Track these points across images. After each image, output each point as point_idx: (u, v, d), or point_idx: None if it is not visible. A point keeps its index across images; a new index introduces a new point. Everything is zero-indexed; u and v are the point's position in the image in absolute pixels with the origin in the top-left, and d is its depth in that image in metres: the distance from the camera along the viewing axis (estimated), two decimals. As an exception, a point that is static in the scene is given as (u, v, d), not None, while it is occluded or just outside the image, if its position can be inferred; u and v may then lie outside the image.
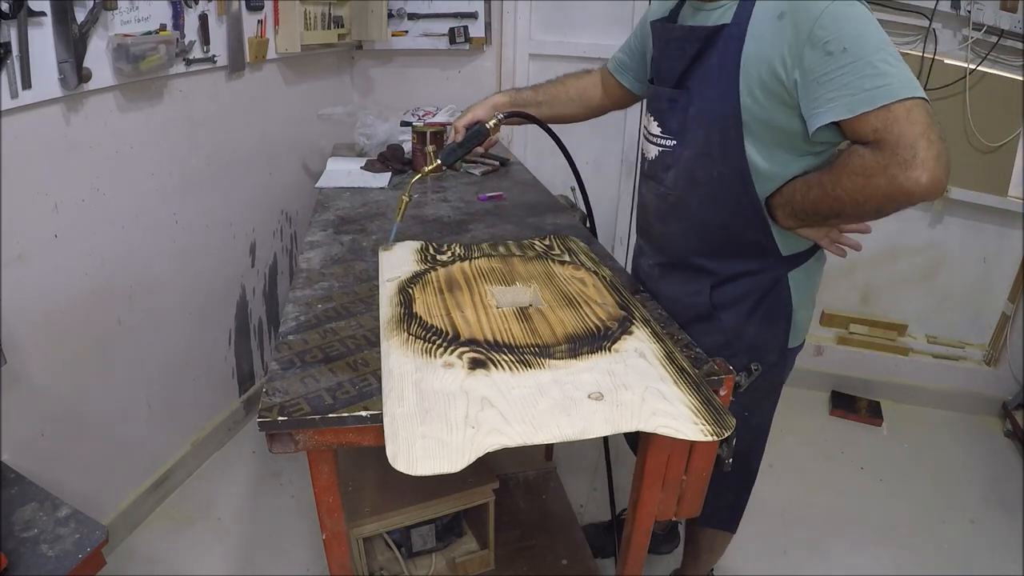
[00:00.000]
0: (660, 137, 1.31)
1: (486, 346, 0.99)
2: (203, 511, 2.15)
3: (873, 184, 1.01)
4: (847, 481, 2.41)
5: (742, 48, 1.12)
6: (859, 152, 1.03)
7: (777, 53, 1.07)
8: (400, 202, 1.43)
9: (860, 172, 1.03)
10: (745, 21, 1.12)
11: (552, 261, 1.34)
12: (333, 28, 2.58)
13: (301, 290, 1.24)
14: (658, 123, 1.31)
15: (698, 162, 1.23)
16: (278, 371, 0.97)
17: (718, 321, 1.32)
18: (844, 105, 1.01)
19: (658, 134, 1.31)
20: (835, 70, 1.01)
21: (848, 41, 0.99)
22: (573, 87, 1.63)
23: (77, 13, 1.52)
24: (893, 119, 0.97)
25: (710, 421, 0.86)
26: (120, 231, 1.84)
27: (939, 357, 2.87)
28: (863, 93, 0.99)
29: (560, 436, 0.82)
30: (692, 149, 1.24)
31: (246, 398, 2.56)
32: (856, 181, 1.04)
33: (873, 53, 0.99)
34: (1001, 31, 2.32)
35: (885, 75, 0.98)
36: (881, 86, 0.98)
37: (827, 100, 1.02)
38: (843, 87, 1.00)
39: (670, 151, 1.29)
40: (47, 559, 1.26)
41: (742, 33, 1.12)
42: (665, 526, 1.98)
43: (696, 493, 1.14)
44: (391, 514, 1.50)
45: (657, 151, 1.32)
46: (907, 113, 0.97)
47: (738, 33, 1.13)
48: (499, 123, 1.49)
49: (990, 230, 2.64)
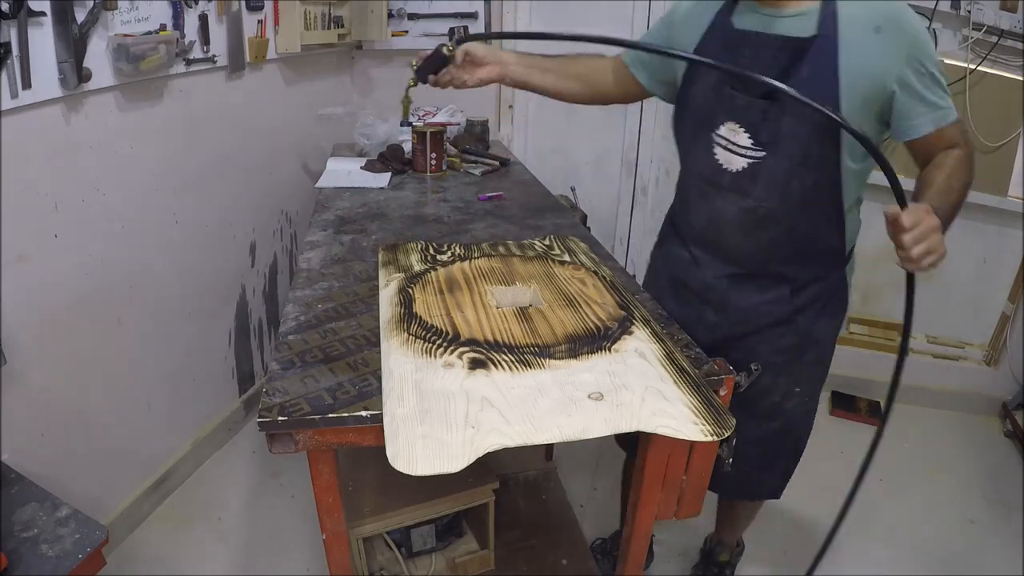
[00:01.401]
0: (750, 149, 1.26)
1: (486, 346, 0.99)
2: (203, 511, 2.15)
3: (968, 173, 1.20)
4: (847, 481, 2.40)
5: (837, 60, 1.14)
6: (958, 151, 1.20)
7: (880, 65, 1.14)
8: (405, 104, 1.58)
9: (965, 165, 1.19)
10: (834, 32, 1.14)
11: (552, 261, 1.34)
12: (333, 28, 2.58)
13: (301, 290, 1.24)
14: (749, 135, 1.26)
15: (794, 173, 1.24)
16: (278, 371, 0.97)
17: (795, 324, 1.38)
18: (932, 120, 1.18)
19: (748, 146, 1.26)
20: (924, 89, 1.16)
21: (931, 65, 1.15)
22: (585, 64, 1.55)
23: (77, 13, 1.52)
24: (962, 130, 1.21)
25: (710, 421, 0.86)
26: (120, 231, 1.84)
27: (939, 357, 2.87)
28: (941, 111, 1.18)
29: (560, 436, 0.82)
30: (787, 161, 1.23)
31: (246, 398, 2.56)
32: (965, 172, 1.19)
33: (941, 77, 1.17)
34: (1001, 31, 2.32)
35: (947, 97, 1.18)
36: (948, 107, 1.19)
37: (919, 115, 1.18)
38: (931, 105, 1.17)
39: (760, 162, 1.26)
40: (47, 559, 1.26)
41: (834, 45, 1.14)
42: None
43: (696, 493, 1.14)
44: (391, 514, 1.50)
45: (745, 163, 1.28)
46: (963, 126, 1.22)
47: (830, 45, 1.15)
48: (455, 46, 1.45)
49: (990, 230, 2.64)
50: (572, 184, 2.44)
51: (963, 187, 1.18)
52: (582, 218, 1.93)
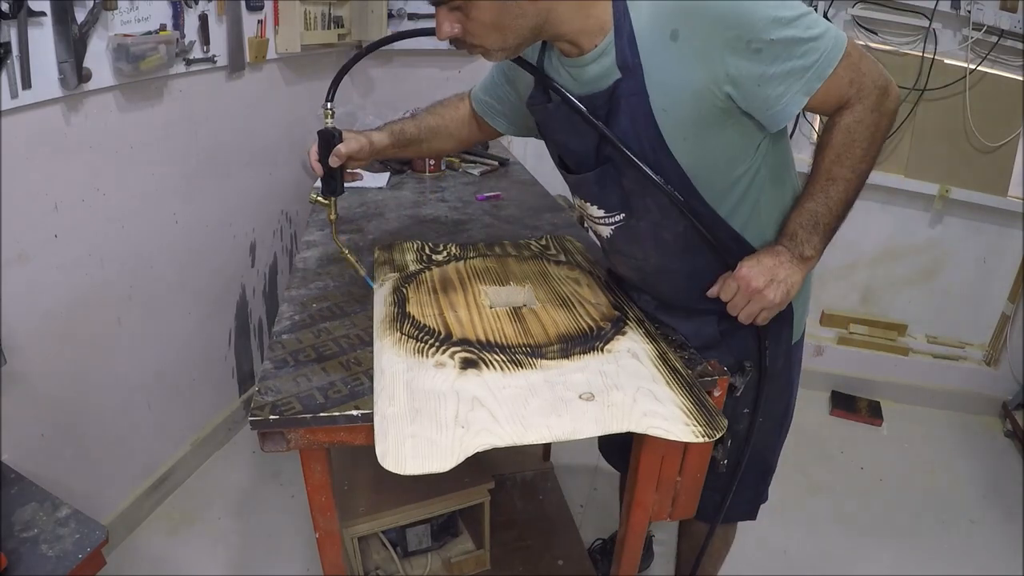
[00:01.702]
0: (606, 218, 1.18)
1: (478, 346, 0.99)
2: (203, 511, 2.15)
3: (880, 130, 1.03)
4: (847, 481, 2.41)
5: (648, 100, 1.00)
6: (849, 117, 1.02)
7: (692, 79, 0.97)
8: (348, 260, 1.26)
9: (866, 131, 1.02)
10: (635, 66, 0.98)
11: (547, 261, 1.35)
12: (333, 28, 2.58)
13: (297, 289, 1.25)
14: (597, 206, 1.18)
15: (659, 228, 1.14)
16: (271, 370, 0.97)
17: (726, 346, 1.25)
18: (802, 90, 0.98)
19: (602, 215, 1.18)
20: (772, 64, 0.95)
21: (765, 30, 0.93)
22: (451, 120, 1.42)
23: (77, 13, 1.53)
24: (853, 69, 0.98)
25: (702, 422, 0.86)
26: (120, 231, 1.85)
27: (939, 357, 2.86)
28: (807, 73, 0.97)
29: (550, 436, 0.83)
30: (646, 218, 1.13)
31: (246, 398, 2.57)
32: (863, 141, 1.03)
33: (792, 26, 0.93)
34: (1001, 31, 2.31)
35: (816, 40, 0.95)
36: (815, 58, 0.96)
37: (778, 97, 0.98)
38: (789, 74, 0.96)
39: (623, 224, 1.17)
40: (47, 559, 1.27)
41: (640, 83, 0.99)
42: None
43: (691, 494, 1.15)
44: (386, 513, 1.50)
45: (610, 230, 1.20)
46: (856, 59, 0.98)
47: (636, 86, 0.99)
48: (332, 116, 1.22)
49: (990, 230, 2.63)
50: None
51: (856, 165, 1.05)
52: (580, 218, 1.94)
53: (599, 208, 1.17)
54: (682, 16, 0.95)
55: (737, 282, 1.09)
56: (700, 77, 0.96)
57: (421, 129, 1.39)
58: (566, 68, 1.08)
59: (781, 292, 1.09)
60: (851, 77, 0.99)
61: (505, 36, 0.99)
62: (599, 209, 1.18)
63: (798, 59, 0.95)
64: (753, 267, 1.08)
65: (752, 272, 1.08)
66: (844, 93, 1.00)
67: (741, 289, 1.09)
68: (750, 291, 1.09)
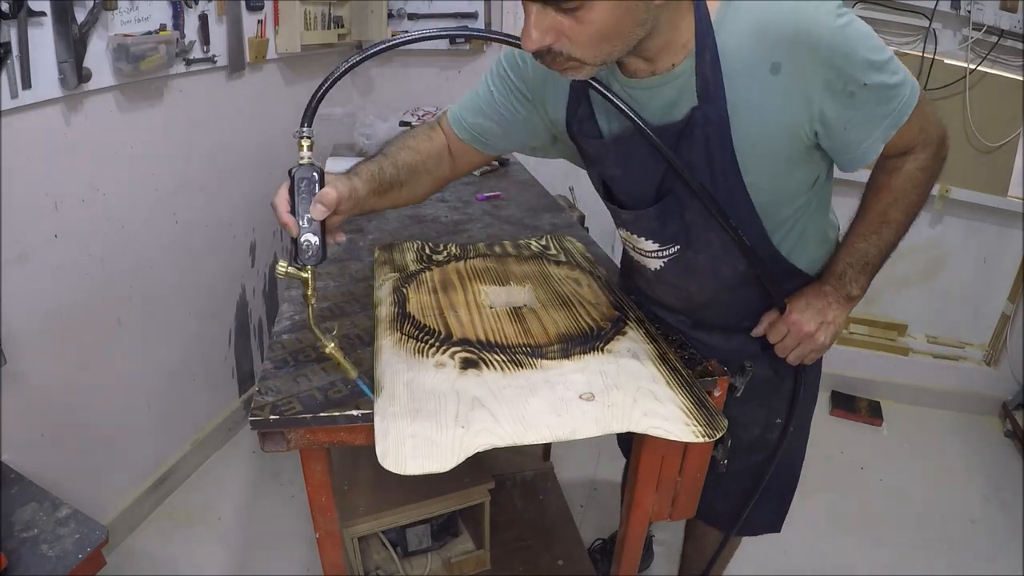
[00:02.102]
0: (659, 251, 1.12)
1: (478, 346, 0.99)
2: (203, 511, 2.15)
3: (935, 177, 1.06)
4: (847, 481, 2.41)
5: (730, 132, 0.93)
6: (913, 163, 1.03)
7: (787, 116, 0.92)
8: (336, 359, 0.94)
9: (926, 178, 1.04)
10: (717, 94, 0.91)
11: (547, 261, 1.35)
12: (333, 28, 2.58)
13: (297, 289, 1.25)
14: (651, 240, 1.10)
15: (718, 261, 1.09)
16: (271, 370, 0.97)
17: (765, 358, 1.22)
18: (880, 137, 0.96)
19: (655, 249, 1.11)
20: (860, 109, 0.92)
21: (862, 73, 0.89)
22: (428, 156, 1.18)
23: (77, 13, 1.53)
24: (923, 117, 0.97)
25: (702, 422, 0.86)
26: (120, 231, 1.85)
27: (939, 357, 2.86)
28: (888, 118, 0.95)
29: (550, 436, 0.83)
30: (705, 251, 1.08)
31: (246, 398, 2.57)
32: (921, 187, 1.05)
33: (883, 71, 0.90)
34: (1001, 31, 2.31)
35: (899, 87, 0.93)
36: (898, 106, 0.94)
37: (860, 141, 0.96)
38: (871, 120, 0.94)
39: (677, 256, 1.11)
40: (47, 559, 1.27)
41: (722, 113, 0.92)
42: None
43: (691, 494, 1.15)
44: (386, 513, 1.50)
45: (661, 263, 1.13)
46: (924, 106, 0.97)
47: (717, 115, 0.92)
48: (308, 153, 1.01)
49: (990, 230, 2.63)
50: (571, 184, 2.44)
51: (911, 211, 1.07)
52: (580, 218, 1.94)
53: (653, 242, 1.10)
54: (787, 49, 0.87)
55: (788, 326, 1.11)
56: (797, 114, 0.92)
57: (399, 169, 1.12)
58: (628, 90, 0.97)
59: (830, 334, 1.12)
60: (921, 125, 0.98)
61: (614, 47, 0.85)
62: (652, 243, 1.10)
63: (882, 105, 0.93)
64: (804, 311, 1.10)
65: (803, 316, 1.10)
66: (912, 140, 1.00)
67: (792, 333, 1.11)
68: (802, 335, 1.11)
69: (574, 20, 0.80)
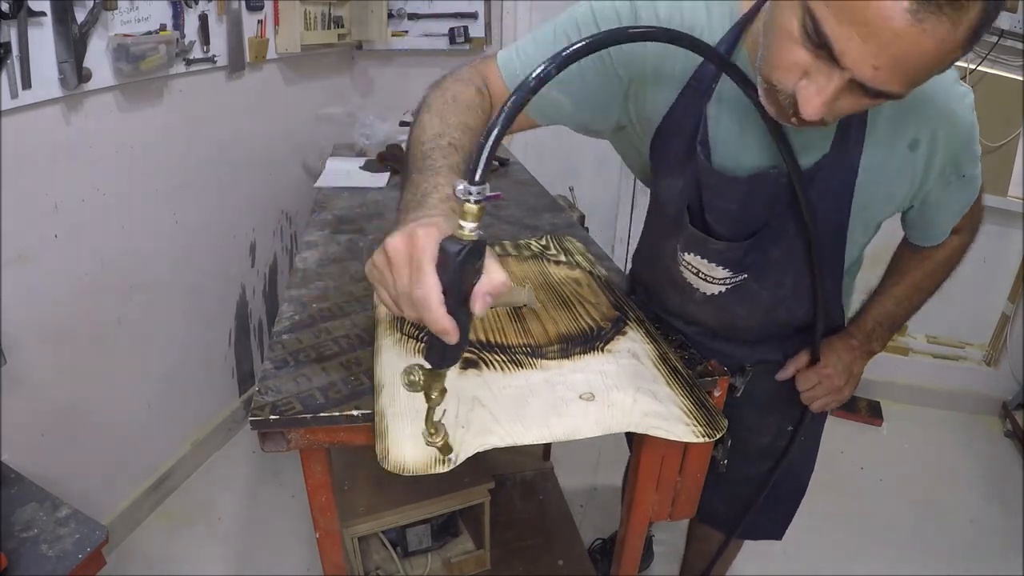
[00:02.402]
0: (727, 279, 1.07)
1: (478, 346, 0.99)
2: (203, 511, 2.16)
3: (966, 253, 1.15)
4: (847, 481, 2.41)
5: (855, 181, 0.93)
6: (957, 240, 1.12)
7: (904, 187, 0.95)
8: None
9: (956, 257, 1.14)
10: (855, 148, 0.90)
11: (547, 261, 1.35)
12: (333, 28, 2.58)
13: (296, 289, 1.25)
14: (726, 268, 1.05)
15: (781, 299, 1.08)
16: (271, 370, 0.97)
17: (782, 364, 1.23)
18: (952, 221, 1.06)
19: (724, 277, 1.07)
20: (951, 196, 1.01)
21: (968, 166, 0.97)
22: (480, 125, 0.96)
23: (77, 13, 1.53)
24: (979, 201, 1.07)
25: (702, 422, 0.86)
26: (120, 231, 1.85)
27: (939, 357, 2.87)
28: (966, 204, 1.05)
29: (550, 436, 0.83)
30: (773, 290, 1.06)
31: (246, 398, 2.57)
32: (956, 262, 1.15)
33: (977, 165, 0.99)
34: (1001, 31, 2.31)
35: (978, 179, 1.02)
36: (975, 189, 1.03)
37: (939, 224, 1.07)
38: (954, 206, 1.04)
39: (740, 285, 1.07)
40: (47, 559, 1.27)
41: (852, 168, 0.92)
42: None
43: (691, 494, 1.14)
44: (386, 513, 1.50)
45: (721, 289, 1.09)
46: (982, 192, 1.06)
47: (846, 168, 0.92)
48: None
49: (990, 230, 2.61)
50: (571, 184, 2.44)
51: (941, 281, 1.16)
52: (580, 218, 1.94)
53: (726, 270, 1.05)
54: (930, 128, 0.90)
55: (820, 378, 1.14)
56: (912, 188, 0.97)
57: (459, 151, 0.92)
58: None
59: (852, 387, 1.17)
60: (973, 209, 1.07)
61: None
62: (725, 271, 1.05)
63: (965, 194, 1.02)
64: (836, 364, 1.14)
65: (836, 371, 1.14)
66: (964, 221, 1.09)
67: (822, 384, 1.14)
68: (832, 388, 1.14)
69: (872, 100, 0.72)
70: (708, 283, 1.09)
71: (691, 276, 1.10)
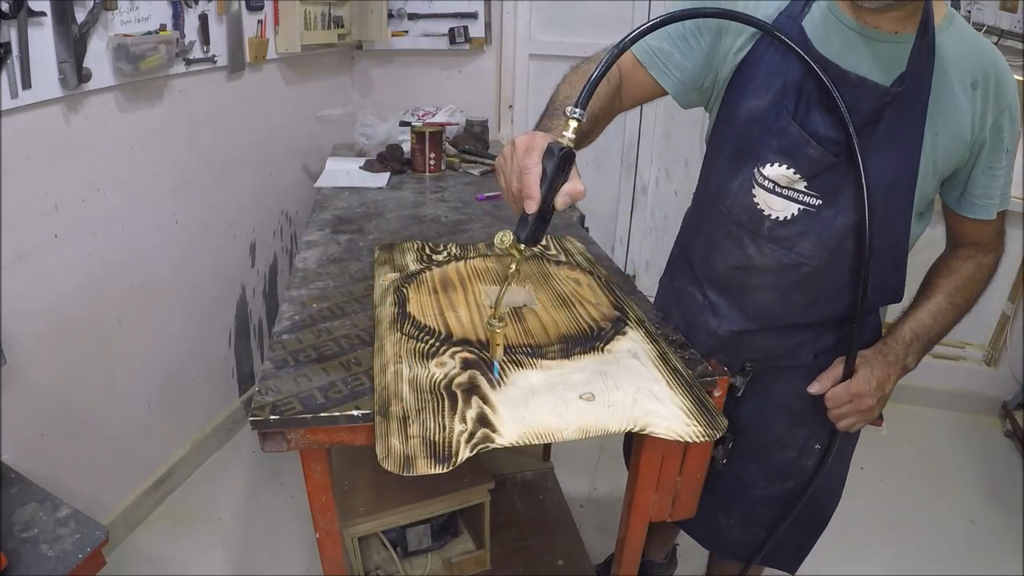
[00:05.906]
0: (804, 193, 1.05)
1: (479, 346, 0.99)
2: (203, 511, 2.16)
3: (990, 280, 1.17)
4: (848, 481, 2.40)
5: (925, 114, 0.99)
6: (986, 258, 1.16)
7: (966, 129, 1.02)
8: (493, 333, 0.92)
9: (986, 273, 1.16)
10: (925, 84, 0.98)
11: (548, 261, 1.35)
12: (333, 28, 2.58)
13: (296, 289, 1.25)
14: (802, 176, 1.04)
15: (853, 232, 1.05)
16: (272, 370, 0.97)
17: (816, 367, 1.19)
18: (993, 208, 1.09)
19: (803, 189, 1.05)
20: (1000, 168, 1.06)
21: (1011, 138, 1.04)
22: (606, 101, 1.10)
23: (77, 13, 1.53)
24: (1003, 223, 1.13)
25: (702, 422, 0.86)
26: (120, 231, 1.85)
27: (939, 357, 2.86)
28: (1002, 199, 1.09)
29: (550, 437, 0.82)
30: (845, 216, 1.04)
31: (246, 398, 2.57)
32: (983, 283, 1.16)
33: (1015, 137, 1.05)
34: (1001, 31, 2.31)
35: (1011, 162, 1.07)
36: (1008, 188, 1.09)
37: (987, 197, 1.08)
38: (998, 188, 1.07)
39: (814, 213, 1.05)
40: (47, 559, 1.27)
41: (924, 95, 0.99)
42: (666, 553, 1.90)
43: (690, 494, 1.15)
44: (387, 513, 1.50)
45: (795, 210, 1.06)
46: None
47: (920, 98, 0.99)
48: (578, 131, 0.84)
49: (990, 230, 2.63)
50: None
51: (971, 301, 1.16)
52: (580, 218, 1.94)
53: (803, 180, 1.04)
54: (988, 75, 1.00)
55: (851, 397, 1.11)
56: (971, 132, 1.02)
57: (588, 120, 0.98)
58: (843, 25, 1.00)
59: (882, 406, 1.13)
60: (1001, 227, 1.14)
61: None
62: (804, 182, 1.04)
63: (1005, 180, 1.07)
64: (870, 381, 1.10)
65: (868, 390, 1.10)
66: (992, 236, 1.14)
67: (854, 403, 1.11)
68: (863, 408, 1.11)
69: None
70: (786, 200, 1.06)
71: (763, 196, 1.08)
